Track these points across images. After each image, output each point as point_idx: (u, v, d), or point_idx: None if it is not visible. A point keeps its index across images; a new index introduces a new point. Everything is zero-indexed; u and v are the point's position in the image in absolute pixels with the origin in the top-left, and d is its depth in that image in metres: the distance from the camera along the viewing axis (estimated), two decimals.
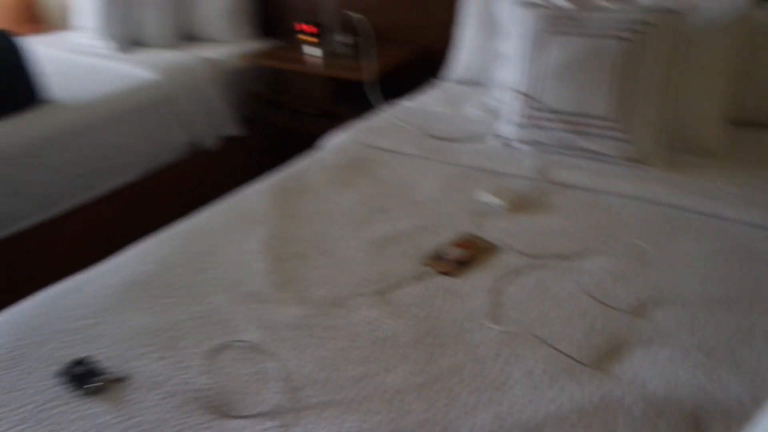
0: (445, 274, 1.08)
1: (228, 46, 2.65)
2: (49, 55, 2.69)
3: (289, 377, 0.86)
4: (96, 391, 0.86)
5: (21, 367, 0.91)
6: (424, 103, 1.87)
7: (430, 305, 1.00)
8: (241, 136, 2.57)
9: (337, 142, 1.66)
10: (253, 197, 1.36)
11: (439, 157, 1.49)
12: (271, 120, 2.51)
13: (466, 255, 1.12)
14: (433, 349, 0.91)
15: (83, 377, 0.89)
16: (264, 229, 1.22)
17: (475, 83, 1.93)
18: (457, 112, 1.78)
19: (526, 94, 1.48)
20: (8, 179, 1.90)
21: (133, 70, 2.40)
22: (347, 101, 2.26)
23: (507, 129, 1.53)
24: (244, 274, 1.08)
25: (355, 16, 2.34)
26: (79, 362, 0.91)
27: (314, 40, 2.45)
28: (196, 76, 2.39)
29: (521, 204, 1.29)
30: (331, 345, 0.92)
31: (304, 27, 2.45)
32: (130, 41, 2.77)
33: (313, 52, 2.31)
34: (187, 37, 2.82)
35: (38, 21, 3.97)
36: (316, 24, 2.49)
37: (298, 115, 2.41)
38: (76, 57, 2.67)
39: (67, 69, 2.50)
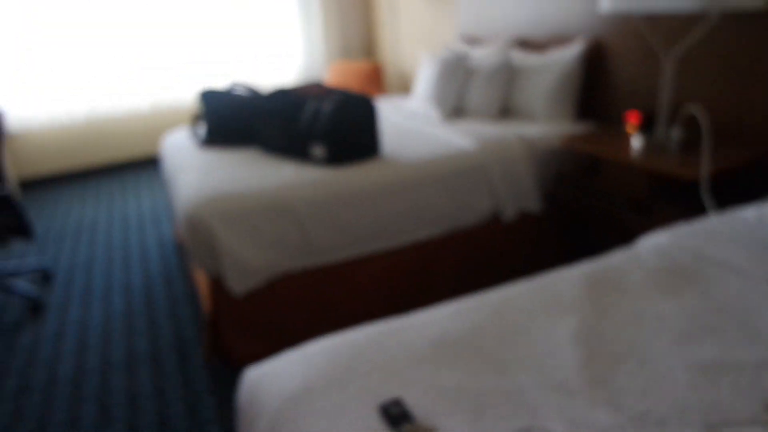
0: None
1: (546, 124, 2.73)
2: (387, 117, 3.13)
3: None
4: None
5: (347, 392, 1.03)
6: (766, 216, 1.63)
7: None
8: (540, 213, 2.59)
9: (657, 241, 1.54)
10: (564, 282, 1.34)
11: None
12: (575, 203, 2.47)
13: None
14: None
15: (397, 419, 0.96)
16: (575, 319, 1.18)
17: None
18: None
19: None
20: (340, 217, 2.23)
21: (454, 138, 2.63)
22: (667, 198, 2.10)
23: None
24: (555, 361, 1.06)
25: (691, 107, 2.19)
26: (396, 403, 1.00)
27: (638, 129, 2.37)
28: (509, 150, 2.50)
29: None
30: None
31: (631, 115, 2.39)
32: (455, 111, 3.05)
33: (636, 141, 2.23)
34: (508, 111, 2.99)
35: (381, 85, 4.67)
36: (645, 112, 2.41)
37: (605, 203, 2.33)
38: (407, 121, 3.05)
39: (400, 130, 2.87)
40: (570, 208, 2.59)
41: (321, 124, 2.34)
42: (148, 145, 5.20)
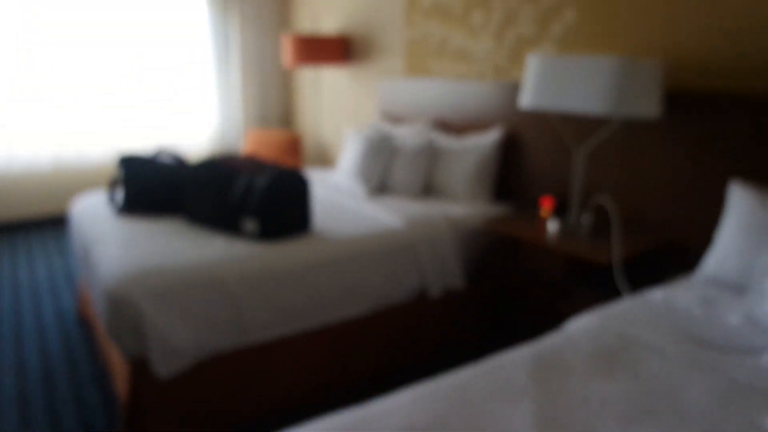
0: None
1: (466, 204, 2.89)
2: (312, 190, 3.17)
3: None
4: None
5: None
6: (674, 298, 1.82)
7: None
8: (463, 290, 2.69)
9: (585, 324, 1.67)
10: (511, 366, 1.41)
11: (707, 366, 1.42)
12: (497, 281, 2.61)
13: None
14: None
15: None
16: (530, 406, 1.24)
17: (735, 287, 1.85)
18: (714, 316, 1.70)
19: None
20: (273, 293, 2.19)
21: (382, 216, 2.71)
22: (581, 279, 2.28)
23: None
24: None
25: (600, 197, 2.43)
26: None
27: (551, 213, 2.58)
28: (435, 229, 2.62)
29: None
30: None
31: (545, 200, 2.61)
32: (380, 187, 3.16)
33: (551, 225, 2.42)
34: (429, 189, 3.14)
35: (299, 156, 4.72)
36: (557, 198, 2.63)
37: (525, 283, 2.48)
38: (333, 195, 3.11)
39: (327, 205, 2.91)
40: (493, 286, 2.72)
41: (254, 198, 2.33)
42: (45, 204, 4.83)
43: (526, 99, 2.41)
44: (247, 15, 5.20)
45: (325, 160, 4.99)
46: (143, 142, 5.03)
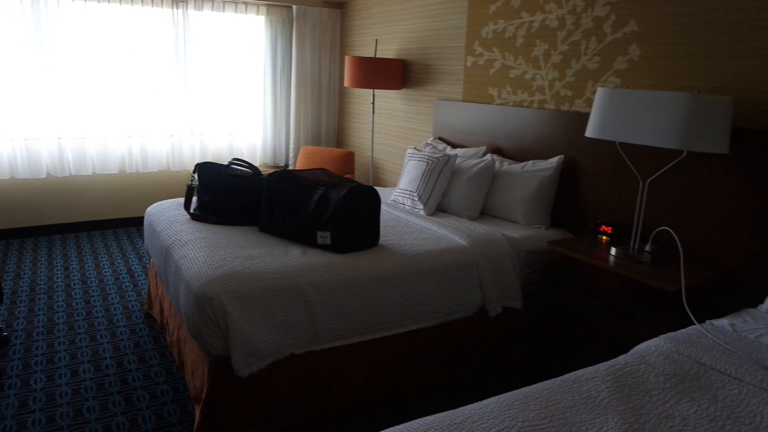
0: None
1: (523, 228, 2.98)
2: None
3: None
4: None
5: None
6: (743, 328, 1.87)
7: None
8: (520, 309, 2.77)
9: (656, 347, 1.73)
10: (593, 382, 1.48)
11: None
12: (555, 302, 2.67)
13: None
14: None
15: None
16: (617, 420, 1.31)
17: None
18: None
19: None
20: (345, 302, 2.30)
21: (444, 233, 2.81)
22: (642, 305, 2.33)
23: None
24: None
25: (666, 227, 2.49)
26: None
27: (609, 239, 2.64)
28: (496, 248, 2.70)
29: None
30: None
31: (606, 228, 2.68)
32: (438, 207, 3.26)
33: (612, 251, 2.49)
34: (485, 212, 3.24)
35: (353, 172, 4.87)
36: (614, 225, 2.70)
37: (584, 305, 2.54)
38: (394, 211, 3.22)
39: (390, 220, 3.03)
40: (551, 306, 2.78)
41: (329, 212, 2.45)
42: (111, 208, 5.07)
43: (592, 129, 2.50)
44: (305, 36, 5.41)
45: (377, 179, 5.12)
46: (197, 156, 5.25)
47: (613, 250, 2.50)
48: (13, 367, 2.69)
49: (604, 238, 2.72)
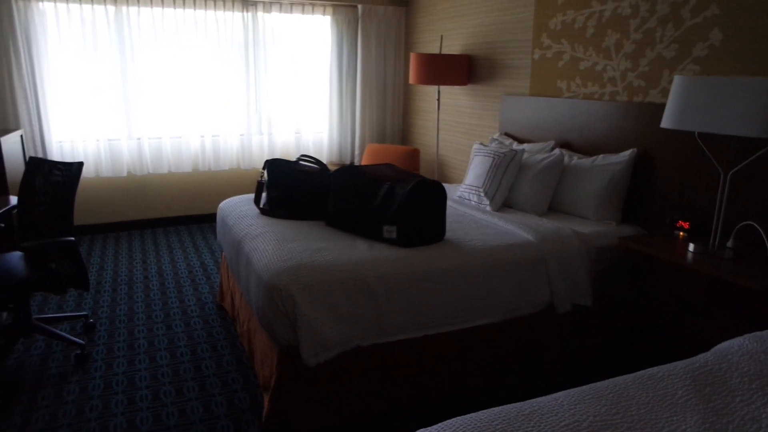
0: None
1: (593, 224, 2.88)
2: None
3: None
4: None
5: None
6: None
7: None
8: (590, 306, 2.68)
9: (740, 346, 1.63)
10: (670, 379, 1.42)
11: None
12: (627, 300, 2.57)
13: None
14: None
15: None
16: (696, 420, 1.25)
17: None
18: None
19: None
20: (412, 296, 2.30)
21: (511, 228, 2.76)
22: (723, 303, 2.21)
23: None
24: None
25: (752, 222, 2.34)
26: None
27: (686, 235, 2.52)
28: (565, 244, 2.63)
29: None
30: None
31: (683, 223, 2.55)
32: (505, 203, 3.21)
33: (691, 247, 2.37)
34: (554, 208, 3.16)
35: (418, 168, 4.87)
36: (691, 221, 2.57)
37: (658, 303, 2.43)
38: (460, 206, 3.20)
39: (456, 216, 3.01)
40: (622, 305, 2.68)
41: (395, 206, 2.46)
42: (184, 204, 5.31)
43: (669, 119, 2.38)
44: (370, 34, 5.45)
45: (442, 175, 5.10)
46: (266, 153, 5.41)
47: (691, 247, 2.38)
48: (98, 351, 2.87)
49: (681, 233, 2.59)
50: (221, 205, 3.29)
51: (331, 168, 4.54)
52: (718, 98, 2.19)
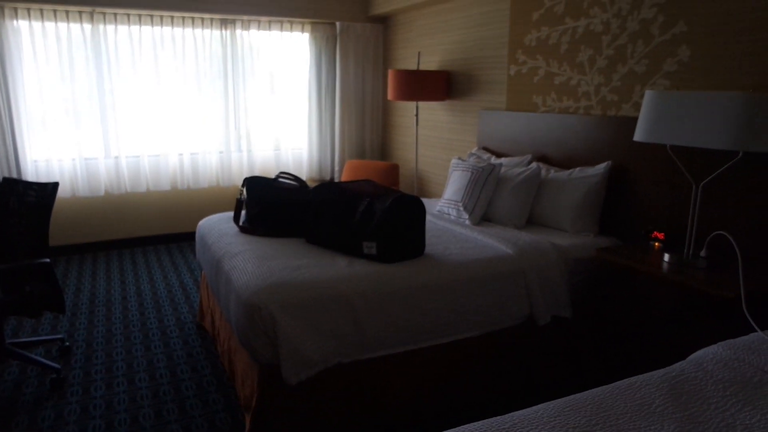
0: None
1: (571, 236, 2.92)
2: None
3: None
4: None
5: None
6: None
7: None
8: (567, 318, 2.71)
9: (714, 354, 1.66)
10: (647, 388, 1.43)
11: None
12: (604, 310, 2.60)
13: None
14: None
15: None
16: (673, 428, 1.27)
17: None
18: None
19: None
20: (392, 311, 2.30)
21: (490, 242, 2.79)
22: (697, 313, 2.25)
23: None
24: None
25: (723, 232, 2.39)
26: None
27: (661, 246, 2.56)
28: (544, 256, 2.66)
29: None
30: None
31: (657, 234, 2.60)
32: (484, 217, 3.24)
33: (666, 258, 2.41)
34: (532, 220, 3.20)
35: (397, 184, 4.89)
36: (666, 231, 2.62)
37: (635, 314, 2.47)
38: (439, 221, 3.22)
39: (435, 230, 3.03)
40: (600, 315, 2.71)
41: (374, 221, 2.47)
42: (163, 223, 5.25)
43: (641, 133, 2.44)
44: (348, 51, 5.50)
45: (422, 190, 5.13)
46: (245, 171, 5.40)
47: (666, 257, 2.42)
48: (75, 375, 2.81)
49: (657, 244, 2.64)
50: (200, 223, 3.27)
51: (311, 185, 4.54)
52: (687, 112, 2.25)
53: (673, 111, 2.30)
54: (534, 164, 3.25)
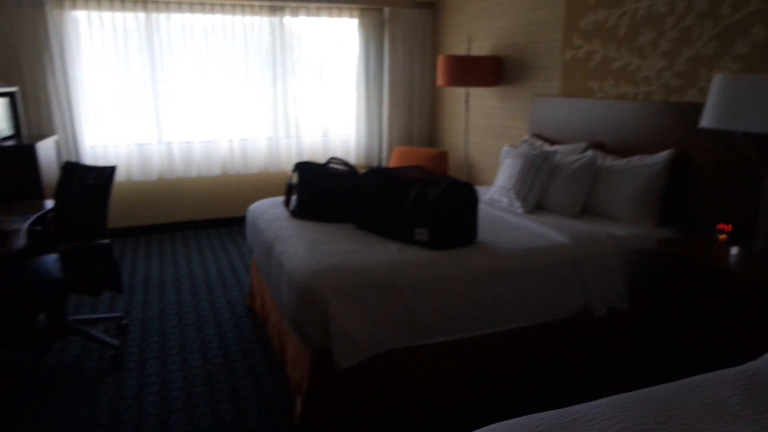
0: None
1: (628, 226, 2.81)
2: None
3: None
4: None
5: None
6: None
7: None
8: (624, 310, 2.62)
9: None
10: (720, 387, 1.37)
11: None
12: (663, 304, 2.50)
13: None
14: None
15: None
16: (749, 428, 1.20)
17: None
18: None
19: None
20: (443, 299, 2.27)
21: (545, 231, 2.71)
22: (766, 310, 2.13)
23: None
24: None
25: None
26: None
27: (728, 238, 2.44)
28: (600, 246, 2.57)
29: None
30: None
31: (724, 226, 2.47)
32: (536, 205, 3.16)
33: (733, 251, 2.29)
34: (587, 210, 3.10)
35: (447, 171, 4.84)
36: (734, 223, 2.49)
37: (696, 308, 2.36)
38: (490, 209, 3.16)
39: (487, 218, 2.97)
40: (659, 309, 2.61)
41: (426, 208, 2.44)
42: (214, 208, 5.36)
43: (709, 119, 2.31)
44: (396, 37, 5.44)
45: (472, 178, 5.05)
46: (294, 157, 5.44)
47: (733, 250, 2.31)
48: (132, 352, 2.90)
49: (723, 236, 2.51)
50: (251, 207, 3.30)
51: (360, 171, 4.55)
52: (760, 96, 2.12)
53: (746, 96, 2.17)
54: (589, 152, 3.15)
